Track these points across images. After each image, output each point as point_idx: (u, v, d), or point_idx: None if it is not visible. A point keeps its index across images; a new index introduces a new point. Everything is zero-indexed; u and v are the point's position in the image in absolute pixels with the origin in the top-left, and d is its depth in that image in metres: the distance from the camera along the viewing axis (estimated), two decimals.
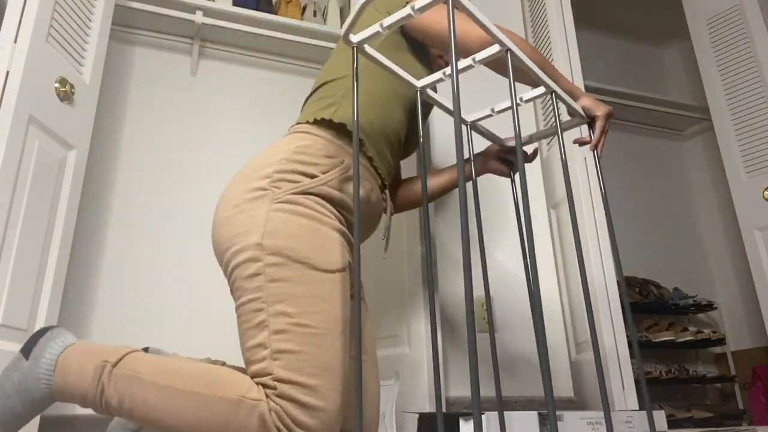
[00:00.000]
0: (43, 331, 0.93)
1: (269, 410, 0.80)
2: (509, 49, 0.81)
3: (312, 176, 0.96)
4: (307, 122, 1.05)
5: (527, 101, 0.96)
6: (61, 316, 1.59)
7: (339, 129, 1.04)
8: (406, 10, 0.76)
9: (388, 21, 0.79)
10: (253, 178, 0.96)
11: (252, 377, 0.85)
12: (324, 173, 0.98)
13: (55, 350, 0.90)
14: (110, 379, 0.86)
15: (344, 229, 1.00)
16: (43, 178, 1.53)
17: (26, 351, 0.90)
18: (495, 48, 0.82)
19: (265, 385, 0.83)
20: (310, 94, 1.14)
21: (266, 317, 0.86)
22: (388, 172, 1.13)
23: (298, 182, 0.95)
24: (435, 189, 1.31)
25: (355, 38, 0.83)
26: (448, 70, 0.92)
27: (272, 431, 0.80)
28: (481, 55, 0.86)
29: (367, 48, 0.85)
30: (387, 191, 1.15)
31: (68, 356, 0.89)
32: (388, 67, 0.91)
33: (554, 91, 0.92)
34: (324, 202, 0.96)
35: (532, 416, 1.33)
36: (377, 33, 0.81)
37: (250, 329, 0.87)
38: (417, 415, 1.37)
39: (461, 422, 1.28)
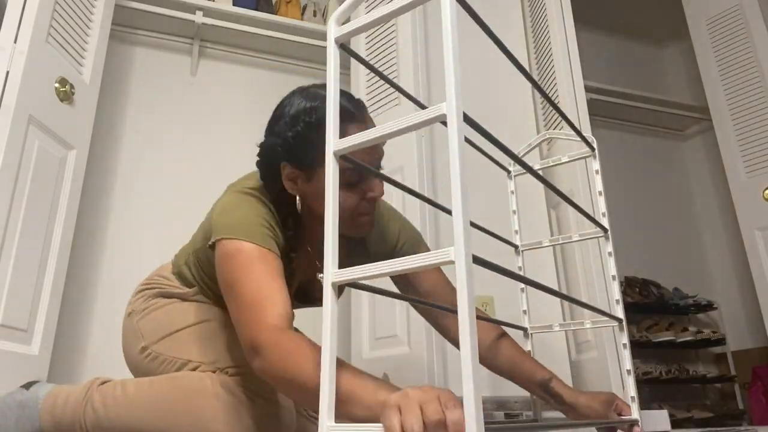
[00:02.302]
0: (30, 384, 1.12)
1: (229, 376, 0.98)
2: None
3: (162, 288, 1.15)
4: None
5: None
6: (61, 316, 1.59)
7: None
8: None
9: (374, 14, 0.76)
10: (128, 305, 1.20)
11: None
12: (176, 288, 1.15)
13: (47, 388, 1.09)
14: (96, 390, 1.01)
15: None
16: (43, 178, 1.53)
17: (28, 386, 1.11)
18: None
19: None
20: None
21: (189, 359, 1.03)
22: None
23: (148, 292, 1.16)
24: (506, 370, 1.17)
25: (336, 31, 0.72)
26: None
27: (235, 389, 0.94)
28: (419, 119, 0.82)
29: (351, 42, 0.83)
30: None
31: (56, 389, 1.08)
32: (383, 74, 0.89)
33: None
34: (174, 297, 1.14)
35: (498, 417, 1.34)
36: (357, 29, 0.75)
37: (180, 369, 1.03)
38: None
39: None
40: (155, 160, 2.19)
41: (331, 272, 0.48)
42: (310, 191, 0.93)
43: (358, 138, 0.49)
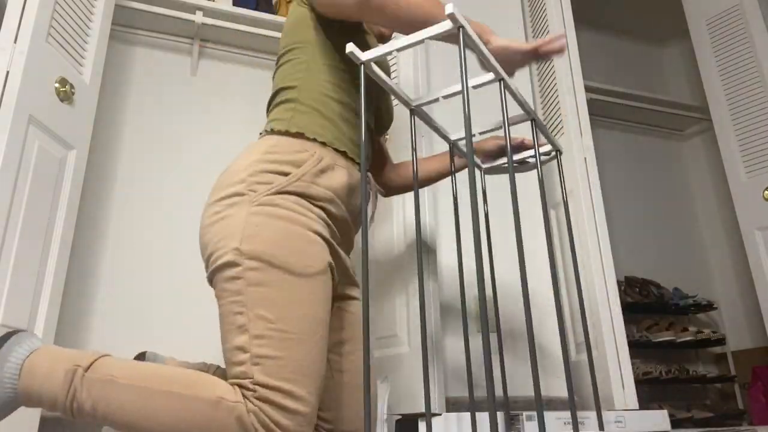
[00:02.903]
0: (8, 335, 0.90)
1: (248, 411, 0.81)
2: (462, 26, 0.78)
3: (285, 174, 0.97)
4: (272, 130, 1.06)
5: (477, 87, 0.96)
6: (61, 315, 1.59)
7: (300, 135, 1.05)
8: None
9: (399, 43, 0.84)
10: (230, 184, 0.97)
11: (231, 378, 0.86)
12: (297, 168, 0.98)
13: (21, 354, 0.88)
14: (83, 383, 0.84)
15: (325, 227, 1.00)
16: (43, 178, 1.53)
17: None
18: (447, 24, 0.80)
19: (244, 387, 0.84)
20: (271, 97, 1.14)
21: (246, 321, 0.86)
22: (366, 156, 1.14)
23: (272, 183, 0.95)
24: (426, 176, 1.33)
25: (362, 56, 0.83)
26: (394, 43, 0.90)
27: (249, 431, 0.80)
28: (430, 32, 0.83)
29: (374, 67, 0.85)
30: (369, 175, 1.15)
31: (35, 360, 0.87)
32: (387, 84, 0.91)
33: (502, 79, 0.90)
34: (302, 200, 0.97)
35: (498, 417, 1.34)
36: (385, 53, 0.82)
37: (231, 331, 0.88)
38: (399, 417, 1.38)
39: (419, 423, 1.29)
40: (155, 159, 2.19)
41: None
42: None
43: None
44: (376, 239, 1.81)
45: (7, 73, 1.44)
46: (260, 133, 1.11)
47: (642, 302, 2.78)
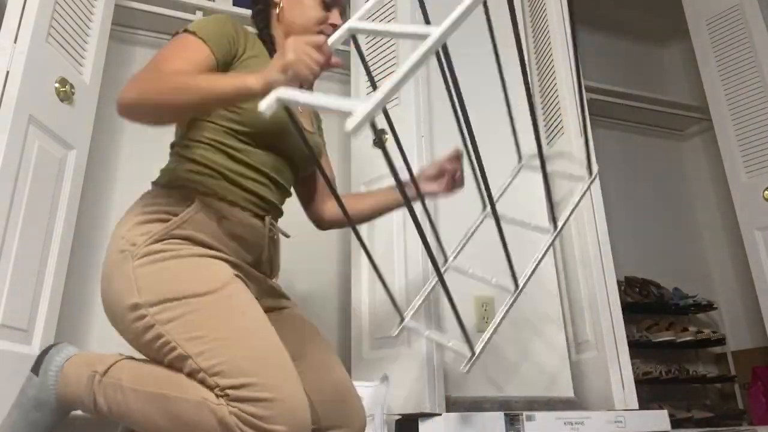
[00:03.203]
0: (47, 349, 1.03)
1: (229, 413, 0.83)
2: None
3: (164, 221, 0.98)
4: (155, 183, 1.11)
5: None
6: (61, 316, 1.59)
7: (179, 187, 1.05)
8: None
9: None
10: (113, 244, 1.00)
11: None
12: (175, 216, 0.99)
13: (59, 362, 0.99)
14: (99, 388, 0.94)
15: (216, 252, 1.00)
16: (43, 178, 1.53)
17: (35, 369, 1.01)
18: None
19: (218, 396, 0.85)
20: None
21: (182, 351, 0.88)
22: (262, 199, 1.10)
23: (149, 232, 0.97)
24: (358, 214, 1.28)
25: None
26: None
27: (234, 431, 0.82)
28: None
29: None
30: (268, 219, 1.11)
31: (69, 367, 0.99)
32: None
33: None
34: (184, 242, 0.98)
35: (498, 416, 1.34)
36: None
37: (175, 366, 0.89)
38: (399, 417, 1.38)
39: (419, 424, 1.29)
40: (155, 159, 2.18)
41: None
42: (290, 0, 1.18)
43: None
44: (377, 239, 1.81)
45: (7, 73, 1.44)
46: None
47: (642, 302, 2.78)
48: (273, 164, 1.12)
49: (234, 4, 2.39)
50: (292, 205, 1.29)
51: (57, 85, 1.59)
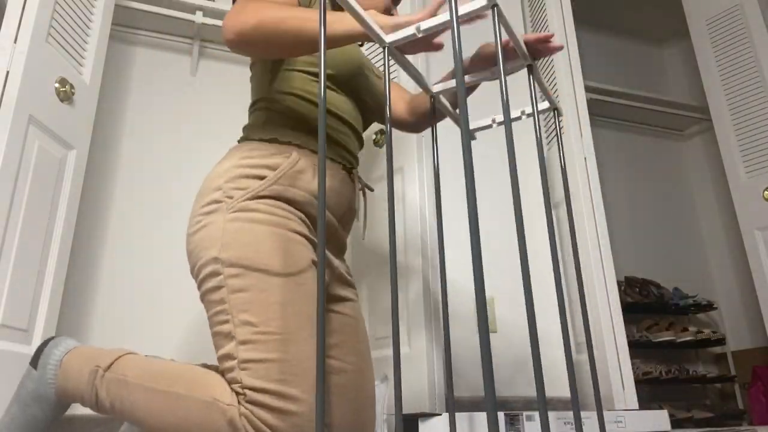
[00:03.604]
0: (46, 342, 1.01)
1: (239, 415, 0.82)
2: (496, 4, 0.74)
3: (261, 177, 0.97)
4: (246, 138, 1.07)
5: (467, 16, 0.76)
6: (61, 316, 1.59)
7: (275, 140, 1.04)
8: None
9: (426, 24, 0.79)
10: (208, 192, 0.97)
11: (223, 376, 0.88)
12: (273, 171, 0.98)
13: (57, 356, 0.98)
14: (102, 383, 0.92)
15: (306, 228, 0.99)
16: (43, 178, 1.53)
17: (34, 362, 0.99)
18: (481, 2, 0.73)
19: (235, 392, 0.85)
20: (250, 105, 1.16)
21: (232, 328, 0.87)
22: (349, 152, 1.12)
23: (247, 188, 0.96)
24: (422, 112, 1.24)
25: (388, 39, 0.79)
26: (421, 24, 0.83)
27: None
28: (465, 8, 0.74)
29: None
30: (355, 172, 1.14)
31: (69, 361, 0.97)
32: (412, 72, 0.87)
33: (496, 5, 0.75)
34: (279, 203, 0.97)
35: (498, 416, 1.33)
36: (412, 34, 0.78)
37: (219, 339, 0.89)
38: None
39: (419, 424, 1.29)
40: (155, 160, 2.19)
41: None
42: None
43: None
44: (377, 238, 1.81)
45: (7, 73, 1.44)
46: (238, 140, 1.11)
47: (642, 302, 2.78)
48: (352, 112, 1.13)
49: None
50: None
51: (57, 85, 1.59)
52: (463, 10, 0.73)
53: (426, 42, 0.92)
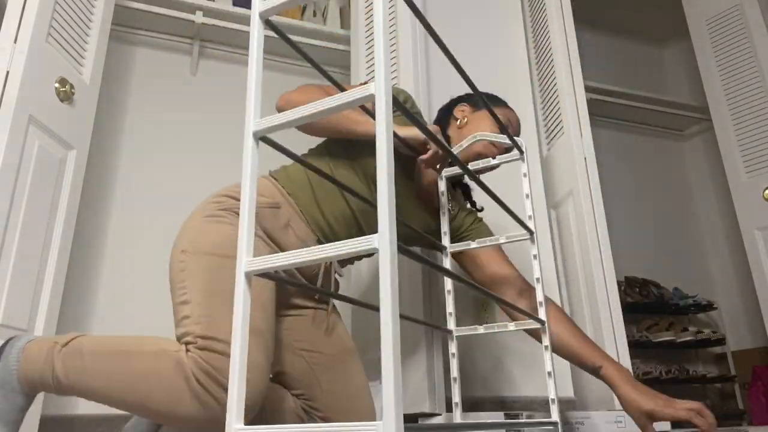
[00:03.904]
0: (9, 339, 1.06)
1: (187, 356, 0.88)
2: None
3: (238, 199, 1.07)
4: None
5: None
6: (61, 315, 1.59)
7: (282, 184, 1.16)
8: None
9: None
10: (203, 204, 1.12)
11: (178, 341, 0.95)
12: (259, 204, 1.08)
13: (20, 345, 1.01)
14: (59, 356, 0.96)
15: (265, 240, 1.08)
16: (43, 178, 1.53)
17: None
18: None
19: (186, 343, 0.91)
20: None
21: (188, 295, 0.96)
22: (337, 237, 1.19)
23: (223, 202, 1.08)
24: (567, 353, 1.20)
25: (260, 5, 0.64)
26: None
27: (188, 374, 0.86)
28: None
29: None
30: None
31: (30, 346, 1.01)
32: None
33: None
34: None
35: (498, 416, 1.33)
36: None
37: (178, 307, 0.97)
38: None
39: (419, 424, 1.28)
40: (155, 160, 2.19)
41: (245, 261, 0.47)
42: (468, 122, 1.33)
43: (278, 119, 0.47)
44: None
45: (7, 73, 1.44)
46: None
47: (642, 302, 2.78)
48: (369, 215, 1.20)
49: (234, 4, 2.39)
50: None
51: (57, 85, 1.59)
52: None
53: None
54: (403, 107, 0.50)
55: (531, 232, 0.89)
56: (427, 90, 2.01)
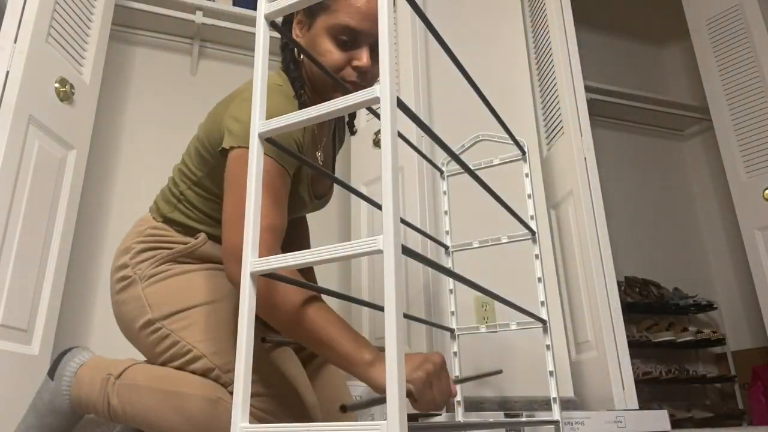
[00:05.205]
0: (64, 352, 1.05)
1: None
2: None
3: (169, 248, 1.01)
4: (156, 215, 1.08)
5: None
6: (61, 315, 1.58)
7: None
8: None
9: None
10: (118, 273, 1.02)
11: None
12: (182, 244, 1.02)
13: (73, 367, 1.01)
14: (113, 390, 0.95)
15: (220, 266, 1.01)
16: (43, 178, 1.53)
17: (51, 372, 1.02)
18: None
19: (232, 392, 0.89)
20: (170, 179, 1.15)
21: (196, 351, 0.92)
22: None
23: (155, 256, 1.01)
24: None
25: (266, 7, 0.62)
26: None
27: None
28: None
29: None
30: None
31: (83, 372, 1.00)
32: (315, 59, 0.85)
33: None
34: (187, 259, 1.02)
35: (498, 415, 1.33)
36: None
37: (190, 365, 0.92)
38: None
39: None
40: (155, 160, 2.19)
41: (250, 261, 0.46)
42: (306, 42, 1.00)
43: (285, 120, 0.47)
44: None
45: (7, 73, 1.44)
46: (150, 207, 1.14)
47: (642, 302, 2.78)
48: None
49: (234, 4, 2.39)
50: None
51: (57, 85, 1.59)
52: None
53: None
54: (412, 113, 0.49)
55: (533, 232, 0.89)
56: (427, 90, 2.01)
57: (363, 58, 0.95)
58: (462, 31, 2.21)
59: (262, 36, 0.50)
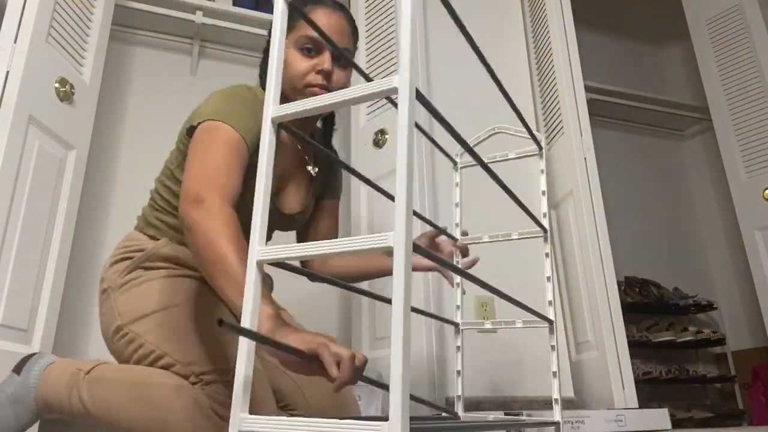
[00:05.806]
0: (32, 354, 1.08)
1: (204, 395, 0.92)
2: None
3: (130, 258, 1.07)
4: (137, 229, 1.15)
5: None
6: (61, 315, 1.59)
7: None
8: None
9: None
10: (100, 288, 1.10)
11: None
12: (141, 251, 1.07)
13: (42, 364, 1.03)
14: (83, 383, 0.98)
15: (185, 271, 1.07)
16: (43, 178, 1.53)
17: (18, 369, 1.04)
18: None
19: (193, 383, 0.95)
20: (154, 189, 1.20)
21: (159, 351, 0.97)
22: None
23: (123, 266, 1.07)
24: (362, 272, 1.28)
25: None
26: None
27: (209, 412, 0.91)
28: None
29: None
30: None
31: (51, 368, 1.03)
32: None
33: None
34: (153, 266, 1.07)
35: (498, 415, 1.34)
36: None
37: (155, 363, 0.97)
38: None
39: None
40: (155, 160, 2.18)
41: (257, 249, 0.45)
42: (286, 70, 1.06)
43: (297, 106, 0.46)
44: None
45: (7, 73, 1.45)
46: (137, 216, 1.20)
47: (642, 302, 2.78)
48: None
49: (234, 4, 2.39)
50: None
51: (57, 85, 1.59)
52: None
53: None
54: (429, 104, 0.47)
55: (545, 230, 0.88)
56: (427, 90, 2.01)
57: (325, 62, 1.07)
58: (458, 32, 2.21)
59: (280, 17, 0.51)
